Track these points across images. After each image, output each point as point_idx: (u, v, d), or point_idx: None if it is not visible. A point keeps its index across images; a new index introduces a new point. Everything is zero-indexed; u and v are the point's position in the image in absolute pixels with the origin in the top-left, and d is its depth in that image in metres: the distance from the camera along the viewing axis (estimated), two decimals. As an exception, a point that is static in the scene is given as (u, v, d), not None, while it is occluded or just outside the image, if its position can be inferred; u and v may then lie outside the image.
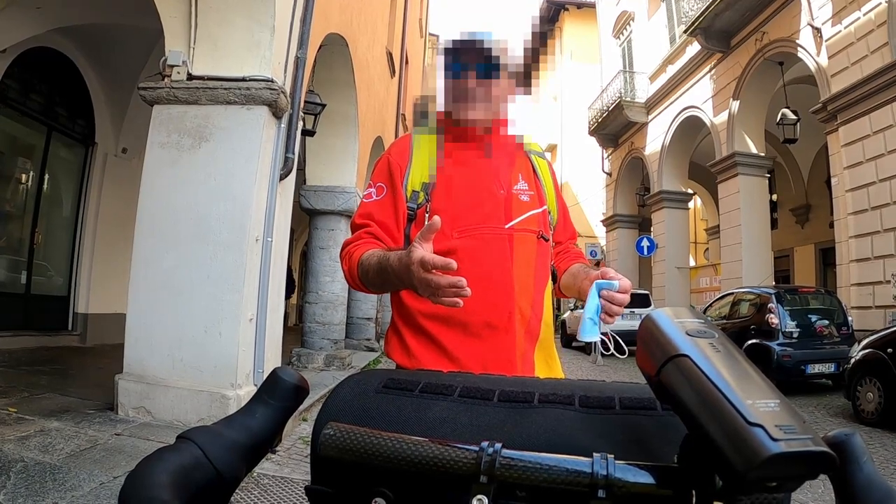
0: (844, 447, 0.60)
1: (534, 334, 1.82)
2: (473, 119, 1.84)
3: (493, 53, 1.82)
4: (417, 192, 1.82)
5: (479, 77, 1.82)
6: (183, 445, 0.61)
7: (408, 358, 1.78)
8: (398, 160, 1.87)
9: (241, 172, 5.85)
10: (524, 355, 1.78)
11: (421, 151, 1.88)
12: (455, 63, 1.85)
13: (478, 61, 1.82)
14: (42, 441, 4.65)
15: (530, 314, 1.80)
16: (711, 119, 17.76)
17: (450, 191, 1.81)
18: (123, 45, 10.36)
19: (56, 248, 10.97)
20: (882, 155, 11.47)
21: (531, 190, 1.89)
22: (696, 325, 0.61)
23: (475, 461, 0.62)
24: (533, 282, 1.83)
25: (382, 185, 1.87)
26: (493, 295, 1.73)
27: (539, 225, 1.87)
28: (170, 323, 5.68)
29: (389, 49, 14.99)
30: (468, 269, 1.63)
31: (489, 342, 1.73)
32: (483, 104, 1.82)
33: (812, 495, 5.01)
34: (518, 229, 1.81)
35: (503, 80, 1.84)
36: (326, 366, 10.23)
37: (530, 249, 1.83)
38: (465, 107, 1.83)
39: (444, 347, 1.74)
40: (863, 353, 8.41)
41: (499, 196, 1.82)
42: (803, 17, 13.70)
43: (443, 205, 1.78)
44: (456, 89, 1.85)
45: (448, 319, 1.72)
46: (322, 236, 10.76)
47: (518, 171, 1.91)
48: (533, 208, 1.87)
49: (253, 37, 6.05)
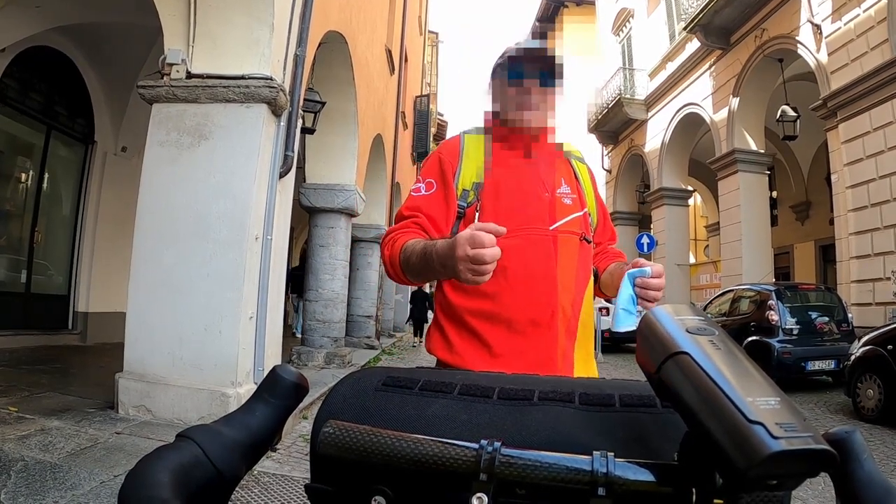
0: (845, 444, 0.60)
1: (574, 333, 1.87)
2: (530, 124, 1.90)
3: (555, 63, 1.89)
4: (468, 190, 1.88)
5: (541, 85, 1.89)
6: (182, 444, 0.61)
7: (450, 353, 1.83)
8: (449, 158, 1.93)
9: (240, 170, 5.85)
10: (564, 353, 1.83)
11: (470, 152, 1.94)
12: (515, 68, 1.92)
13: (541, 69, 1.89)
14: (43, 440, 4.65)
15: (571, 313, 1.86)
16: (711, 116, 17.74)
17: (497, 192, 1.87)
18: (122, 43, 10.36)
19: (56, 247, 10.98)
20: (882, 152, 11.47)
21: (573, 193, 1.96)
22: (696, 322, 0.61)
23: (475, 459, 0.61)
24: (575, 282, 1.89)
25: (432, 181, 1.92)
26: (538, 293, 1.79)
27: (581, 227, 1.93)
28: (170, 321, 5.68)
29: (389, 46, 14.98)
30: (514, 267, 1.78)
31: (532, 339, 1.78)
32: (539, 111, 1.89)
33: (812, 492, 5.02)
34: (562, 231, 1.87)
35: (559, 89, 1.91)
36: (327, 364, 10.24)
37: (573, 250, 1.89)
38: (523, 112, 1.90)
39: (487, 343, 1.79)
40: (863, 349, 8.42)
41: (543, 199, 1.89)
42: (803, 14, 13.70)
43: (491, 205, 1.85)
44: (514, 94, 1.91)
45: (493, 316, 1.78)
46: (322, 234, 10.76)
47: (560, 175, 1.98)
48: (575, 211, 1.93)
49: (252, 35, 6.05)
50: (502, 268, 1.72)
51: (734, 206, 16.67)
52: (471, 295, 1.80)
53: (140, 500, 0.53)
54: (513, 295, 1.78)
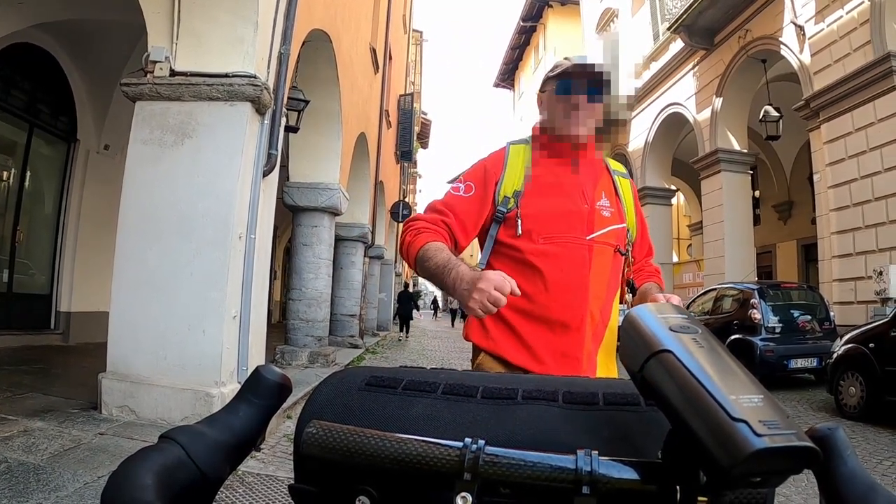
0: (828, 441, 0.60)
1: (600, 337, 2.02)
2: (579, 137, 2.02)
3: (603, 79, 1.96)
4: (509, 197, 2.01)
5: (590, 100, 2.00)
6: (165, 445, 0.60)
7: (485, 339, 2.00)
8: (494, 168, 2.08)
9: (224, 169, 5.83)
10: (589, 355, 1.97)
11: (514, 161, 2.08)
12: (566, 82, 2.04)
13: (590, 85, 1.99)
14: (25, 441, 4.62)
15: (600, 319, 2.01)
16: (694, 116, 17.82)
17: (539, 200, 2.00)
18: (106, 41, 10.29)
19: (38, 246, 10.90)
20: (864, 152, 11.56)
21: (612, 207, 2.08)
22: (679, 320, 0.61)
23: (458, 458, 0.61)
24: (605, 290, 2.03)
25: (472, 185, 2.06)
26: (571, 298, 1.94)
27: (617, 239, 2.06)
28: (153, 321, 5.65)
29: (373, 45, 14.98)
30: (551, 272, 1.94)
31: (561, 338, 1.94)
32: (587, 123, 2.01)
33: (796, 489, 5.05)
34: (598, 241, 2.00)
35: (605, 103, 2.00)
36: (310, 363, 10.22)
37: (606, 260, 2.03)
38: (572, 124, 2.02)
39: (521, 336, 1.95)
40: (845, 347, 8.49)
41: (582, 210, 2.01)
42: (786, 15, 13.78)
43: (532, 212, 1.99)
44: (564, 107, 2.03)
45: (528, 313, 1.95)
46: (305, 233, 10.73)
47: (601, 189, 2.10)
48: (613, 223, 2.05)
49: (236, 33, 6.02)
50: (540, 272, 1.93)
51: (717, 205, 16.75)
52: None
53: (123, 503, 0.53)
54: (548, 298, 1.93)
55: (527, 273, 1.93)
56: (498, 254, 2.03)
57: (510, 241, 1.99)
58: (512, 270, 1.82)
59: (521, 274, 1.86)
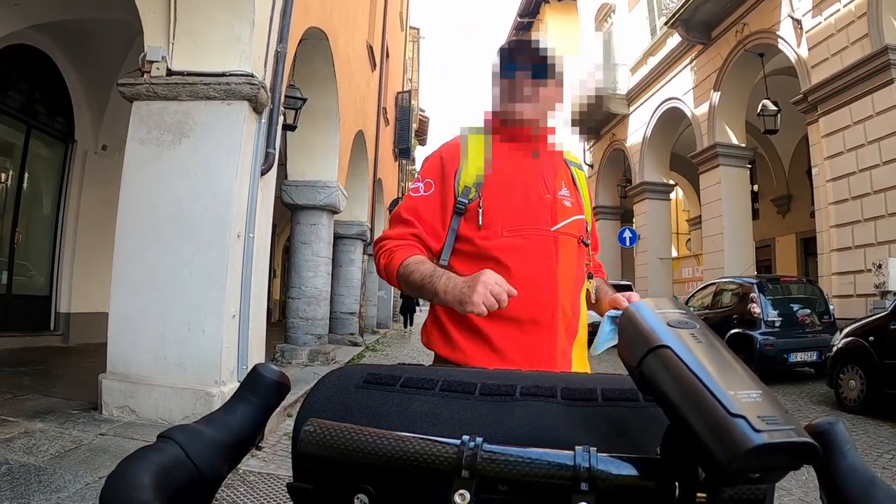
0: (828, 436, 0.60)
1: (573, 332, 1.92)
2: (525, 119, 1.93)
3: (548, 57, 1.93)
4: (469, 187, 1.89)
5: (532, 77, 1.91)
6: (164, 445, 0.60)
7: (451, 350, 1.85)
8: (451, 158, 1.94)
9: (222, 168, 5.82)
10: (563, 351, 1.87)
11: (471, 150, 1.95)
12: (510, 64, 1.94)
13: (534, 62, 1.92)
14: (26, 443, 4.62)
15: (571, 313, 1.90)
16: (692, 110, 17.81)
17: (500, 190, 1.89)
18: (102, 41, 10.29)
19: (37, 248, 10.89)
20: (862, 145, 11.56)
21: (572, 197, 2.00)
22: (677, 315, 0.61)
23: (456, 456, 0.61)
24: (574, 283, 1.94)
25: (431, 182, 1.94)
26: (540, 293, 1.83)
27: (579, 230, 1.98)
28: (153, 321, 5.64)
29: (370, 42, 14.95)
30: (517, 266, 1.82)
31: (533, 337, 1.82)
32: (534, 104, 1.91)
33: (796, 483, 5.05)
34: (562, 232, 1.91)
35: (554, 87, 1.95)
36: (310, 361, 10.22)
37: (572, 252, 1.94)
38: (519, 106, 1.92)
39: (489, 340, 1.81)
40: (845, 341, 8.49)
41: (546, 200, 1.92)
42: (783, 9, 13.77)
43: (493, 203, 1.88)
44: (510, 89, 1.93)
45: (495, 314, 1.76)
46: (304, 231, 10.73)
47: (561, 179, 2.01)
48: (574, 214, 1.97)
49: (233, 31, 6.02)
50: (505, 266, 1.80)
51: (716, 199, 16.75)
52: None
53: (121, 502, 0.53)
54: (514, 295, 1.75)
55: (491, 269, 1.74)
56: (459, 250, 1.91)
57: (471, 235, 1.87)
58: (475, 266, 1.77)
59: None
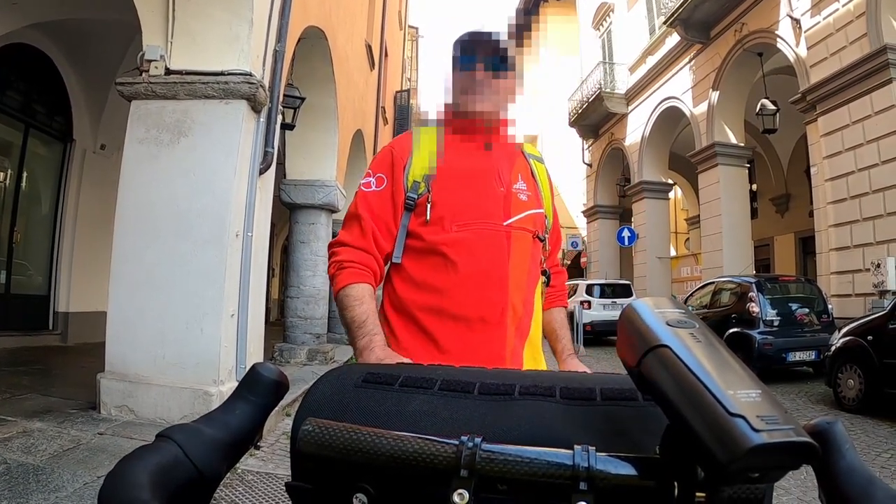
0: (826, 435, 0.60)
1: (524, 331, 1.84)
2: (479, 111, 1.86)
3: (503, 49, 1.86)
4: (419, 182, 1.81)
5: (487, 70, 1.85)
6: (162, 444, 0.60)
7: (397, 349, 1.75)
8: (401, 151, 1.87)
9: (220, 167, 5.81)
10: (514, 351, 1.78)
11: (422, 144, 1.89)
12: (465, 56, 1.89)
13: (488, 55, 1.86)
14: (25, 442, 4.62)
15: (522, 311, 1.81)
16: (691, 110, 17.84)
17: (451, 184, 1.82)
18: (101, 40, 10.26)
19: (35, 247, 10.87)
20: (861, 144, 11.57)
21: (529, 190, 1.91)
22: (676, 315, 0.61)
23: (455, 455, 0.61)
24: (526, 279, 1.84)
25: (382, 176, 1.87)
26: (489, 290, 1.74)
27: (535, 225, 1.89)
28: (151, 320, 5.64)
29: (369, 41, 14.93)
30: (465, 262, 1.73)
31: (480, 336, 1.73)
32: (490, 97, 1.85)
33: (795, 482, 5.06)
34: (516, 227, 1.82)
35: (511, 78, 1.88)
36: (309, 360, 10.21)
37: (526, 247, 1.85)
38: (472, 99, 1.86)
39: (435, 339, 1.74)
40: (843, 340, 8.49)
41: (498, 193, 1.84)
42: (782, 8, 13.78)
43: (443, 197, 1.80)
44: (464, 81, 1.87)
45: (441, 311, 1.73)
46: (303, 230, 10.71)
47: (517, 171, 1.93)
48: (530, 208, 1.88)
49: (231, 30, 6.01)
50: (452, 262, 1.74)
51: (714, 199, 16.77)
52: (420, 289, 1.77)
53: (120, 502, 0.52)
54: (463, 291, 1.73)
55: (439, 265, 1.75)
56: (410, 246, 1.84)
57: (420, 231, 1.80)
58: (422, 263, 1.76)
59: (432, 267, 1.76)
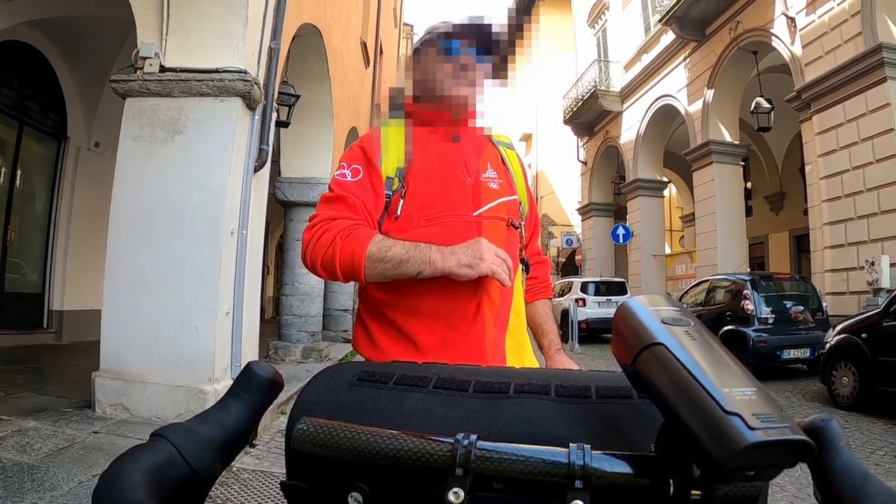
0: (821, 433, 0.60)
1: (503, 322, 1.79)
2: (451, 98, 1.79)
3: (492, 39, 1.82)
4: (392, 178, 1.73)
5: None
6: (156, 443, 0.60)
7: (375, 352, 1.72)
8: (370, 147, 1.78)
9: (215, 165, 5.80)
10: (494, 344, 1.73)
11: (390, 139, 1.80)
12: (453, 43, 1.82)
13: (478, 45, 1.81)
14: (19, 441, 4.61)
15: (500, 301, 1.76)
16: (686, 108, 17.87)
17: (416, 179, 1.74)
18: (95, 37, 10.23)
19: (29, 245, 10.83)
20: (855, 143, 11.62)
21: (500, 178, 1.85)
22: (671, 312, 0.61)
23: (450, 453, 0.61)
24: None
25: (358, 168, 1.76)
26: (462, 284, 1.63)
27: (509, 213, 1.82)
28: (146, 318, 5.63)
29: (364, 39, 14.93)
30: None
31: (458, 332, 1.68)
32: (464, 85, 1.79)
33: (790, 479, 5.07)
34: (486, 217, 1.75)
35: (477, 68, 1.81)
36: (304, 358, 10.20)
37: (499, 236, 1.76)
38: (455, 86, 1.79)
39: (412, 339, 1.68)
40: (838, 338, 8.51)
41: (466, 184, 1.77)
42: (777, 7, 13.81)
43: (410, 192, 1.72)
44: (449, 69, 1.80)
45: (415, 310, 1.68)
46: (298, 228, 10.68)
47: (486, 160, 1.86)
48: (502, 196, 1.82)
49: (226, 28, 6.00)
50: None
51: (709, 196, 16.80)
52: (394, 290, 1.68)
53: (114, 502, 0.52)
54: (435, 287, 1.64)
55: None
56: None
57: (388, 229, 1.70)
58: None
59: None
